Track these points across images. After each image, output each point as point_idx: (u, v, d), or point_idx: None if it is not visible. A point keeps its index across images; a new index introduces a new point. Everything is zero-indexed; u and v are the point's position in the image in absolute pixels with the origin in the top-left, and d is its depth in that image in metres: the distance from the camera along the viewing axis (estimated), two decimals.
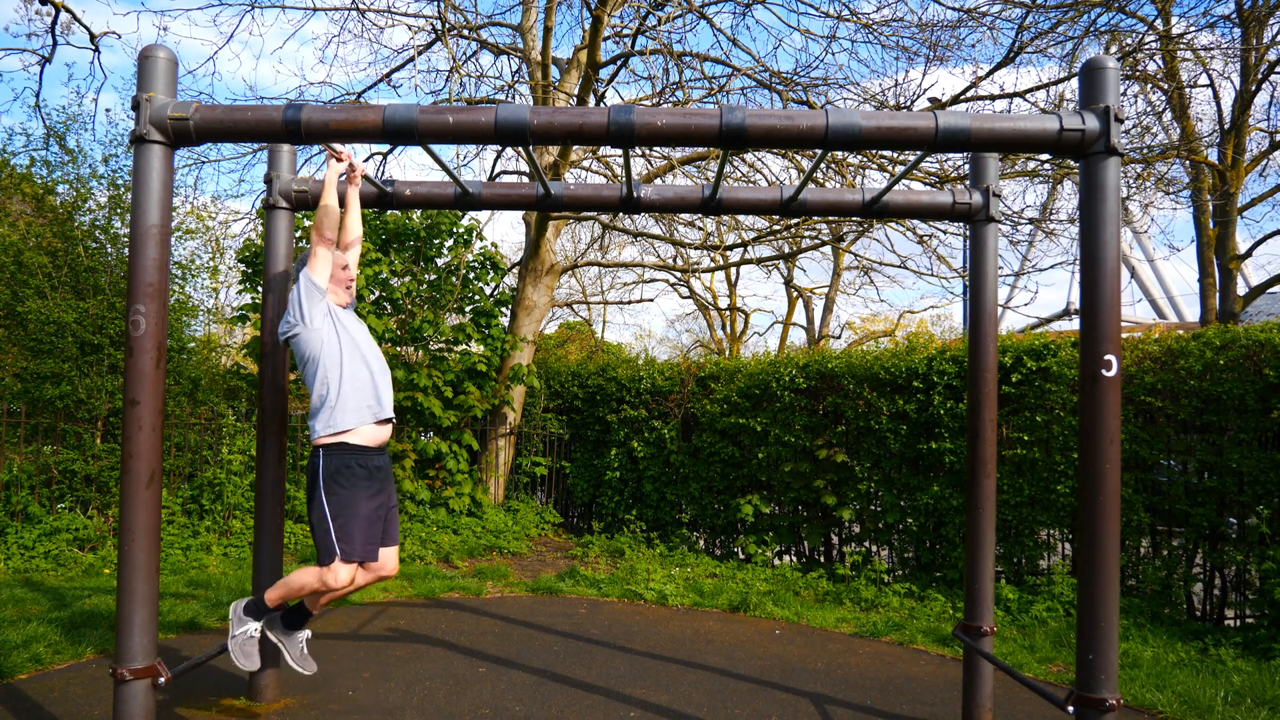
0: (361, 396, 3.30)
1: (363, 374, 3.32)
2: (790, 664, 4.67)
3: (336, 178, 3.32)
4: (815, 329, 22.20)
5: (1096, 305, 2.63)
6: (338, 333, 3.33)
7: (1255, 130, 11.77)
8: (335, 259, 3.43)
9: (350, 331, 3.38)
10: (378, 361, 3.41)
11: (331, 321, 3.34)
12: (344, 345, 3.31)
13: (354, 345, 3.35)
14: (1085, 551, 2.64)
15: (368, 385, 3.32)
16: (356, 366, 3.31)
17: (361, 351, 3.36)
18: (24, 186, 8.58)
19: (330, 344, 3.29)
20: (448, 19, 7.42)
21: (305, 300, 3.27)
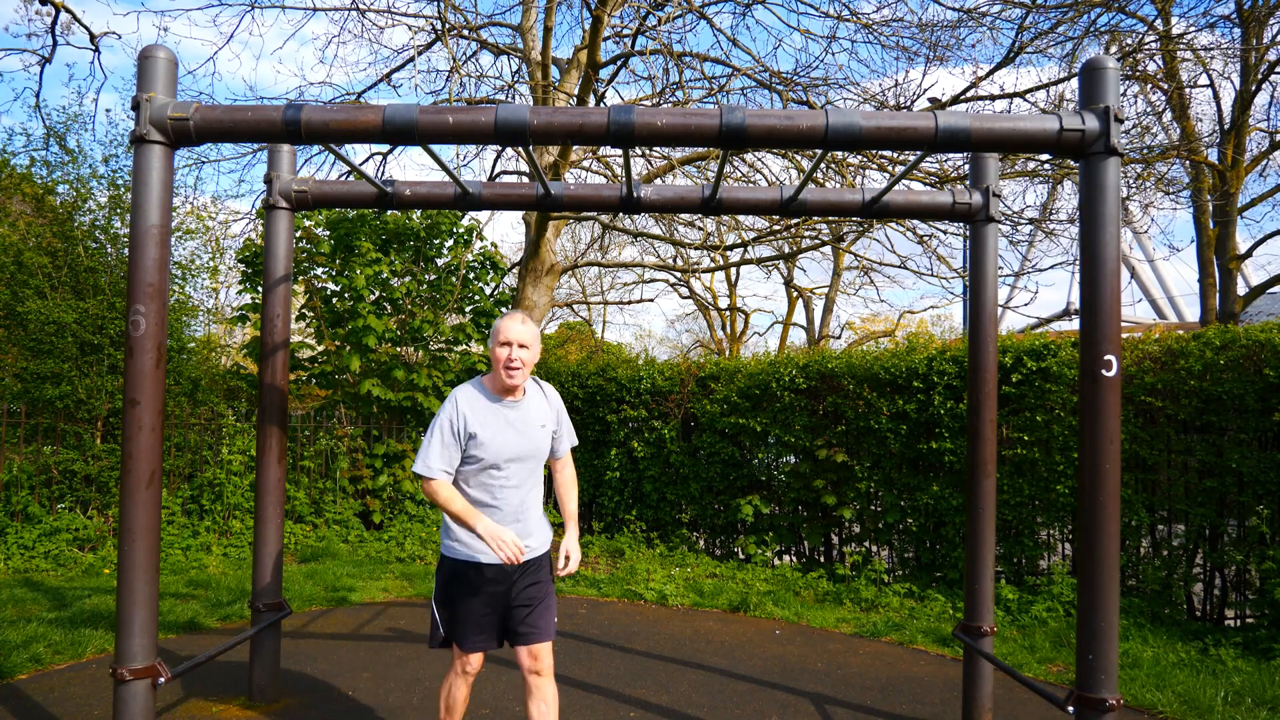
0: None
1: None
2: (790, 664, 4.67)
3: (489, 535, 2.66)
4: (815, 329, 22.19)
5: (1096, 305, 2.63)
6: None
7: (1255, 130, 11.77)
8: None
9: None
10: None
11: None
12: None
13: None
14: (1085, 551, 2.64)
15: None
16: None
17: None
18: (24, 186, 8.58)
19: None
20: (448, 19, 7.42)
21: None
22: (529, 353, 2.84)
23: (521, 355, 2.81)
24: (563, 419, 3.08)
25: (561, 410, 3.09)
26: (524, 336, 2.82)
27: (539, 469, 2.97)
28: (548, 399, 3.03)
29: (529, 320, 2.86)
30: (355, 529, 8.12)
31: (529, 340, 2.84)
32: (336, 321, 8.73)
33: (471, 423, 2.80)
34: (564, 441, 3.09)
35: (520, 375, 2.82)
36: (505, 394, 2.88)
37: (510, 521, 2.85)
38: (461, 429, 2.79)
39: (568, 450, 3.12)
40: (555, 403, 3.06)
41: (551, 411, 3.01)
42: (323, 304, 8.69)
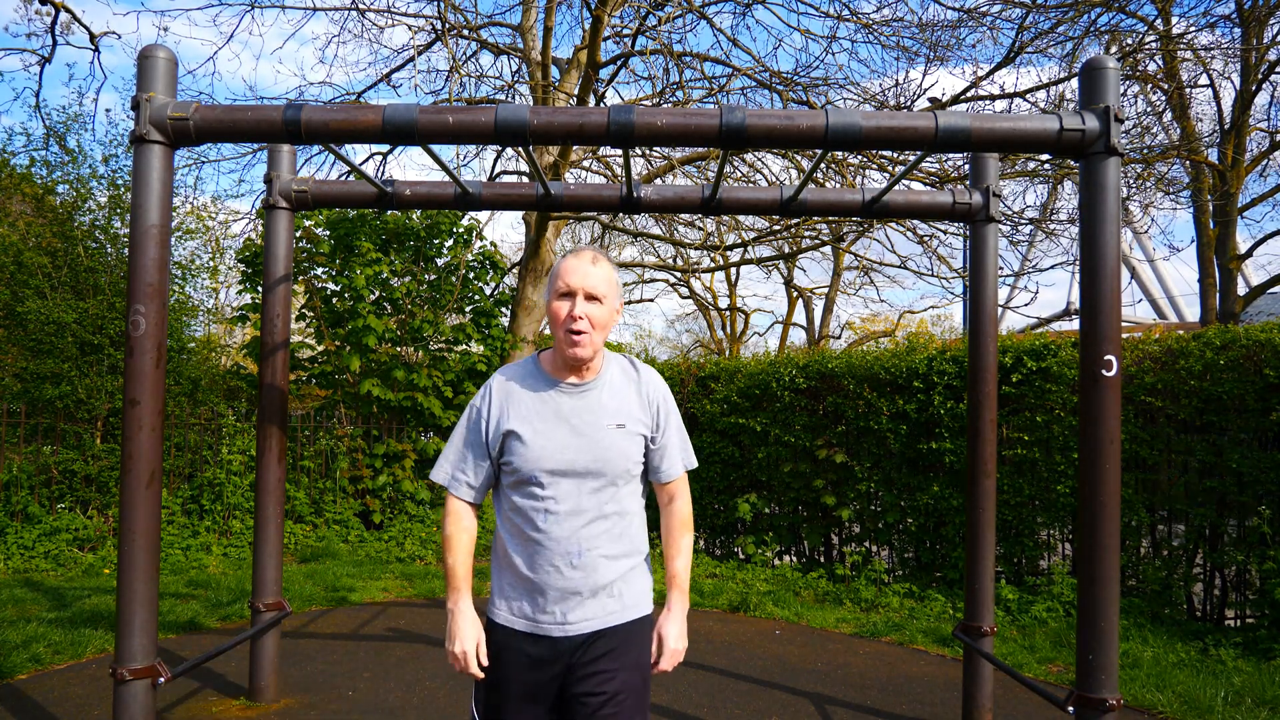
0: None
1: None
2: (790, 664, 4.66)
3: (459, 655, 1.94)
4: (815, 329, 22.19)
5: (1096, 305, 2.63)
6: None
7: (1255, 130, 11.77)
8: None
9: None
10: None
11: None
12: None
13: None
14: (1085, 551, 2.64)
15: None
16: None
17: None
18: (24, 186, 8.58)
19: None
20: (448, 19, 7.42)
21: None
22: (603, 308, 1.94)
23: (591, 312, 1.91)
24: (669, 421, 2.07)
25: (668, 408, 2.08)
26: (595, 283, 1.92)
27: (621, 492, 1.97)
28: (641, 387, 2.05)
29: (604, 259, 1.98)
30: (355, 529, 8.12)
31: (604, 289, 1.94)
32: (336, 321, 8.73)
33: (510, 415, 1.95)
34: (671, 458, 2.07)
35: (588, 343, 1.91)
36: (567, 372, 1.99)
37: (563, 569, 1.90)
38: (492, 424, 1.97)
39: (681, 474, 2.09)
40: (654, 393, 2.06)
41: (645, 407, 2.03)
42: (323, 304, 8.69)
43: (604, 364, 2.04)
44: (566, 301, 1.92)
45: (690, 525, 2.14)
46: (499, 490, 2.04)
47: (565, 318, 1.91)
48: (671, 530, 2.11)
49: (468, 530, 2.05)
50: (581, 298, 1.91)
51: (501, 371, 2.07)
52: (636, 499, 2.04)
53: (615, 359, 2.10)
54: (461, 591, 1.98)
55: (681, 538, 2.10)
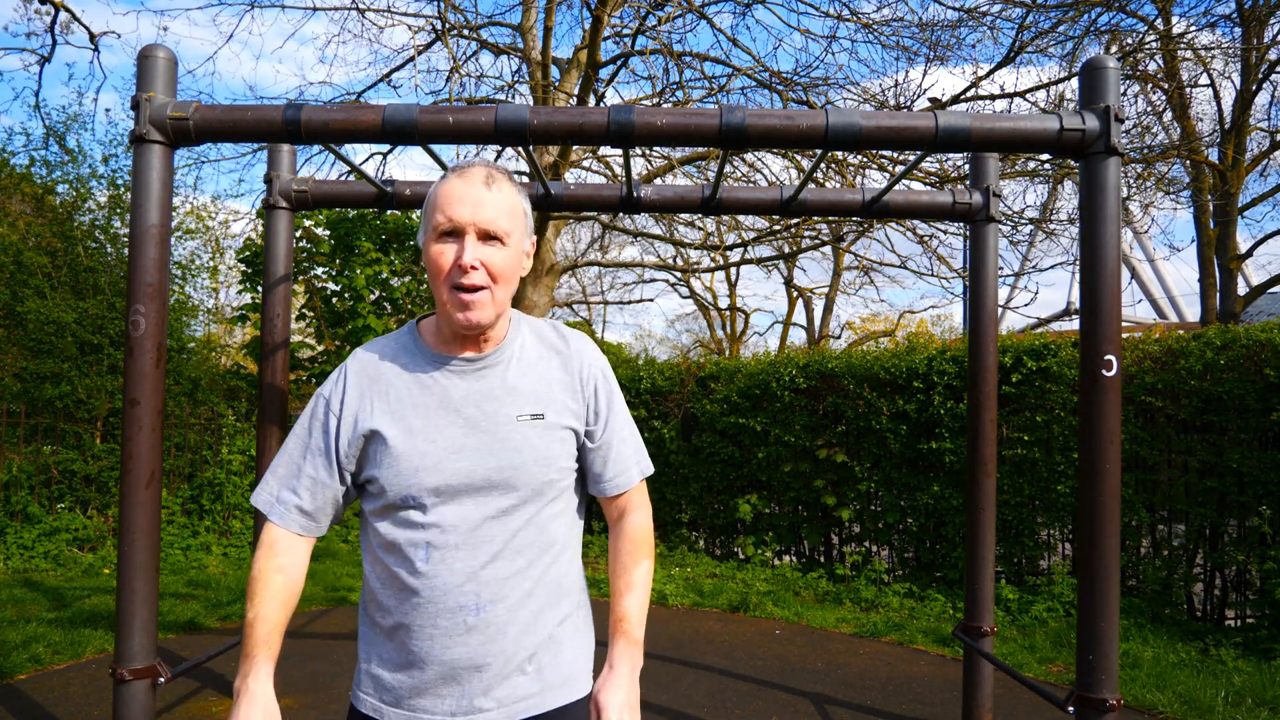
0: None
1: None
2: (790, 664, 4.66)
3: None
4: (815, 329, 22.19)
5: (1096, 305, 2.63)
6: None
7: (1256, 130, 11.77)
8: None
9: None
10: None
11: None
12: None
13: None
14: (1085, 551, 2.64)
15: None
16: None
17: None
18: (24, 186, 8.58)
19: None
20: (448, 19, 7.42)
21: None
22: (506, 252, 1.36)
23: (489, 258, 1.35)
24: (613, 409, 1.50)
25: (609, 390, 1.51)
26: (493, 215, 1.34)
27: (542, 514, 1.41)
28: (570, 361, 1.48)
29: (503, 178, 1.39)
30: (355, 529, 8.12)
31: (506, 223, 1.36)
32: (336, 321, 8.73)
33: (374, 408, 1.38)
34: (619, 461, 1.50)
35: (485, 304, 1.35)
36: (458, 344, 1.42)
37: (455, 633, 1.34)
38: (345, 423, 1.38)
39: (638, 481, 1.54)
40: (589, 370, 1.49)
41: (575, 390, 1.46)
42: (323, 304, 8.69)
43: (511, 330, 1.45)
44: (450, 244, 1.33)
45: (649, 547, 1.53)
46: (364, 523, 1.42)
47: (450, 268, 1.33)
48: (620, 554, 1.52)
49: (284, 572, 1.38)
50: (473, 237, 1.32)
51: (364, 348, 1.47)
52: (568, 522, 1.45)
53: (528, 322, 1.50)
54: (256, 661, 1.32)
55: (635, 565, 1.50)
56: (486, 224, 1.34)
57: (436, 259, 1.36)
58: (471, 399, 1.40)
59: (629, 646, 1.48)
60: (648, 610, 1.54)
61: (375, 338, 1.59)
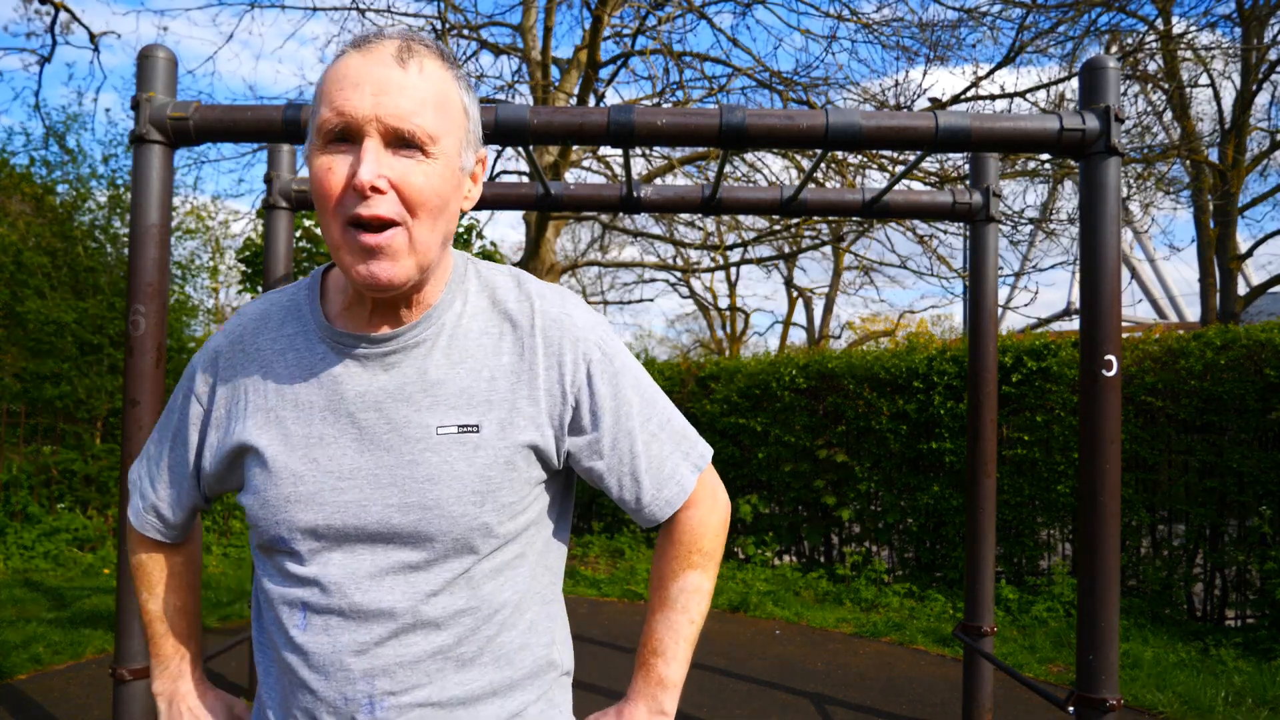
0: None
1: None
2: (790, 664, 4.66)
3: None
4: (815, 329, 22.20)
5: (1097, 305, 2.63)
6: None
7: (1256, 130, 11.77)
8: None
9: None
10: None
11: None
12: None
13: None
14: (1085, 551, 2.63)
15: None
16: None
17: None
18: (24, 186, 8.59)
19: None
20: (448, 19, 7.42)
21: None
22: (431, 171, 0.89)
23: (406, 174, 0.88)
24: (623, 401, 1.02)
25: (610, 374, 1.02)
26: (409, 106, 0.87)
27: (477, 570, 0.96)
28: (529, 337, 1.00)
29: (429, 55, 0.93)
30: None
31: (433, 119, 0.89)
32: None
33: (247, 408, 0.99)
34: (658, 471, 1.05)
35: (401, 251, 0.89)
36: (365, 314, 0.98)
37: None
38: (211, 423, 1.02)
39: (695, 481, 1.08)
40: (570, 349, 1.00)
41: (543, 384, 0.99)
42: None
43: (449, 290, 0.99)
44: (341, 154, 0.88)
45: (704, 554, 1.10)
46: (253, 550, 1.04)
47: (341, 192, 0.87)
48: (658, 560, 1.12)
49: (164, 568, 1.15)
50: (376, 142, 0.87)
51: (251, 306, 1.06)
52: (524, 575, 1.01)
53: (480, 276, 1.03)
54: (170, 662, 1.17)
55: (675, 577, 1.10)
56: (398, 120, 0.86)
57: (321, 178, 0.88)
58: (371, 400, 0.95)
59: (646, 688, 1.09)
60: (694, 636, 1.14)
61: (271, 290, 1.02)
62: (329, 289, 1.03)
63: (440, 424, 0.95)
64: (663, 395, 1.09)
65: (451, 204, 0.93)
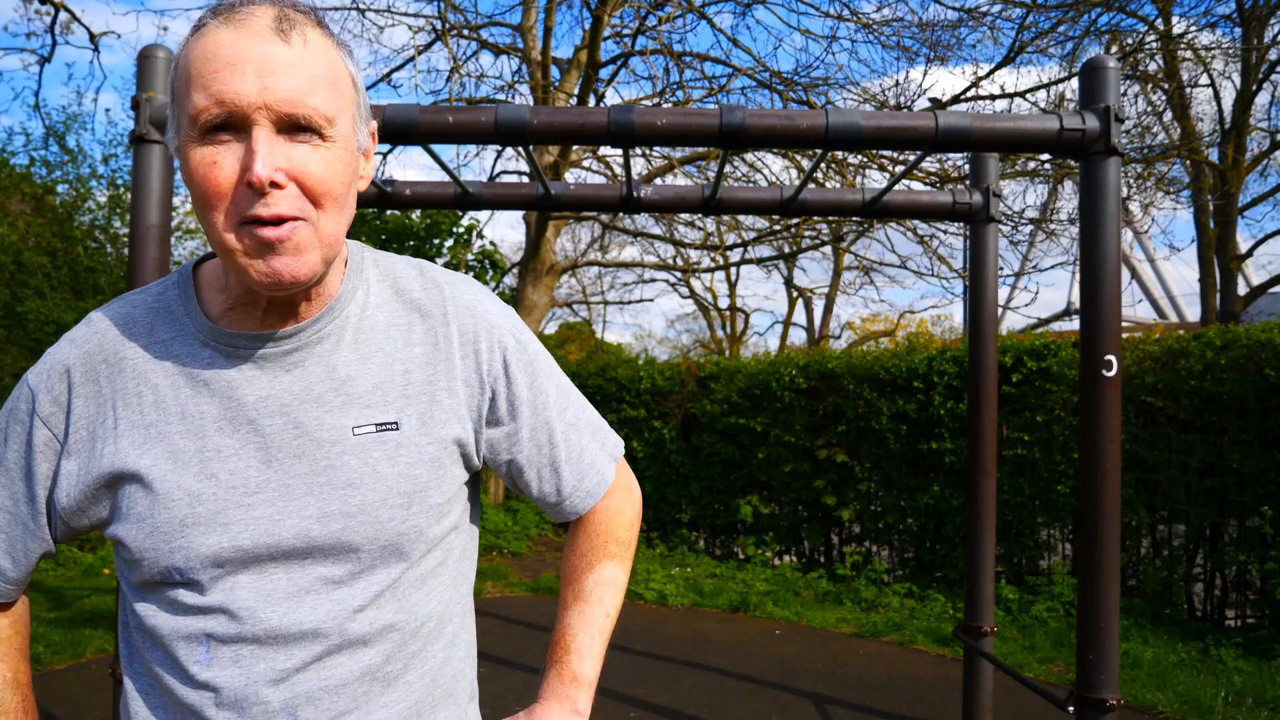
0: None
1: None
2: (790, 664, 4.66)
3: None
4: (815, 329, 22.21)
5: (1097, 305, 2.63)
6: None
7: (1256, 130, 11.77)
8: None
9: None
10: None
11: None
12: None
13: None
14: (1085, 551, 2.64)
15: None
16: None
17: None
18: (24, 186, 8.59)
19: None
20: (448, 19, 7.42)
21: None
22: (331, 157, 0.81)
23: (304, 164, 0.79)
24: (539, 389, 0.99)
25: (525, 361, 0.99)
26: (299, 84, 0.78)
27: (405, 578, 0.91)
28: (441, 325, 0.95)
29: (309, 25, 0.82)
30: None
31: (324, 100, 0.80)
32: None
33: (117, 428, 0.86)
34: (577, 462, 1.03)
35: (305, 244, 0.81)
36: (254, 313, 0.89)
37: None
38: (58, 453, 0.88)
39: (613, 471, 1.08)
40: (485, 336, 0.96)
41: (460, 372, 0.94)
42: None
43: (349, 281, 0.93)
44: (225, 146, 0.78)
45: (620, 544, 1.09)
46: (120, 591, 0.93)
47: (232, 190, 0.78)
48: (570, 554, 1.09)
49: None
50: (267, 130, 0.77)
51: (105, 310, 0.92)
52: (447, 582, 0.96)
53: (379, 265, 0.97)
54: None
55: (590, 569, 1.07)
56: (291, 105, 0.77)
57: (205, 175, 0.77)
58: (276, 404, 0.87)
59: (560, 686, 1.04)
60: (608, 630, 1.08)
61: (127, 292, 0.95)
62: (204, 286, 0.92)
63: (356, 424, 0.89)
64: (574, 387, 1.08)
65: (351, 190, 0.87)
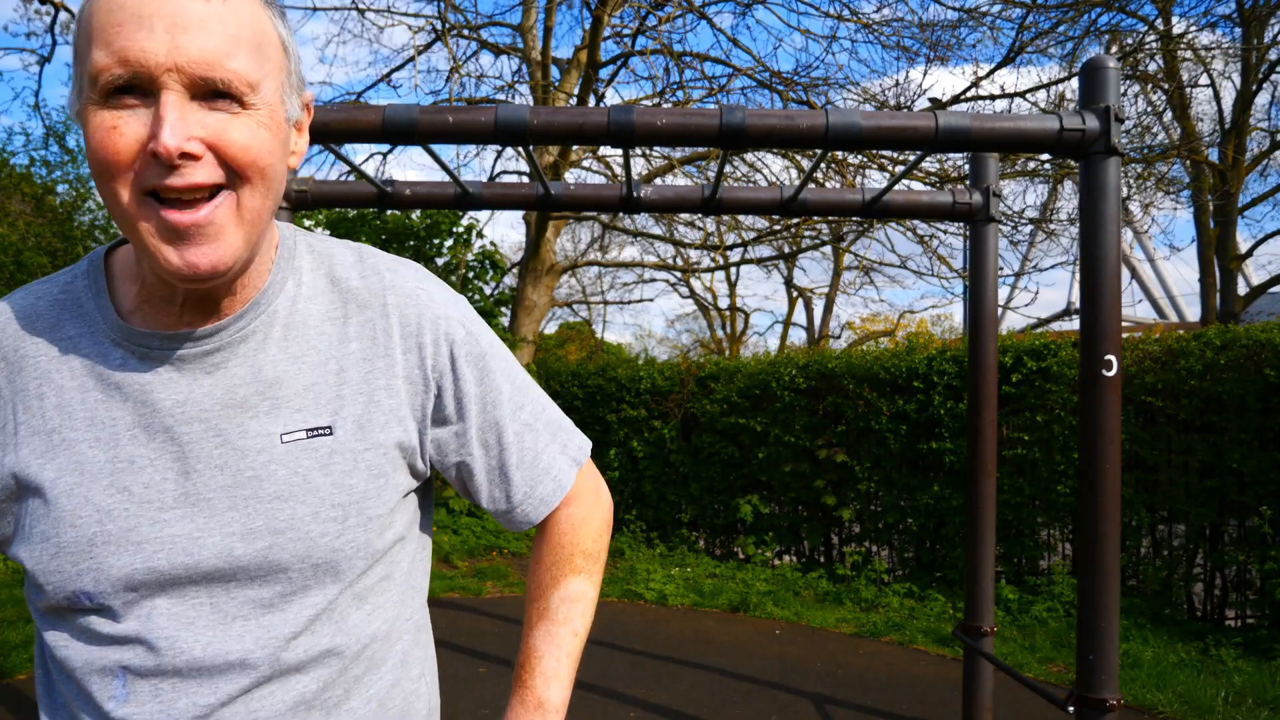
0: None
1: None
2: (790, 664, 4.67)
3: None
4: (815, 329, 22.21)
5: (1097, 305, 2.63)
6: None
7: (1256, 130, 11.77)
8: None
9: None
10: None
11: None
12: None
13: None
14: (1085, 551, 2.64)
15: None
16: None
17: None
18: (24, 186, 8.59)
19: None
20: (448, 19, 7.42)
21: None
22: (254, 125, 0.71)
23: (225, 133, 0.69)
24: (490, 386, 0.91)
25: (475, 355, 0.90)
26: (216, 45, 0.67)
27: (343, 597, 0.82)
28: (380, 317, 0.86)
29: None
30: None
31: (246, 62, 0.69)
32: None
33: (10, 432, 0.78)
34: (531, 465, 0.94)
35: (224, 227, 0.71)
36: (170, 309, 0.79)
37: None
38: None
39: (574, 476, 0.99)
40: (430, 328, 0.87)
41: (401, 368, 0.86)
42: None
43: (278, 269, 0.84)
44: (129, 112, 0.68)
45: (587, 556, 1.00)
46: (36, 614, 0.83)
47: (133, 159, 0.68)
48: (535, 568, 1.00)
49: None
50: (178, 95, 0.67)
51: (2, 303, 0.83)
52: (393, 600, 0.89)
53: (314, 251, 0.88)
54: None
55: (555, 585, 0.98)
56: (206, 67, 0.67)
57: (103, 141, 0.67)
58: (196, 410, 0.78)
59: (524, 713, 0.95)
60: (577, 651, 0.99)
61: (30, 283, 0.85)
62: (116, 276, 0.82)
63: (285, 430, 0.80)
64: (535, 383, 1.00)
65: (280, 166, 0.76)
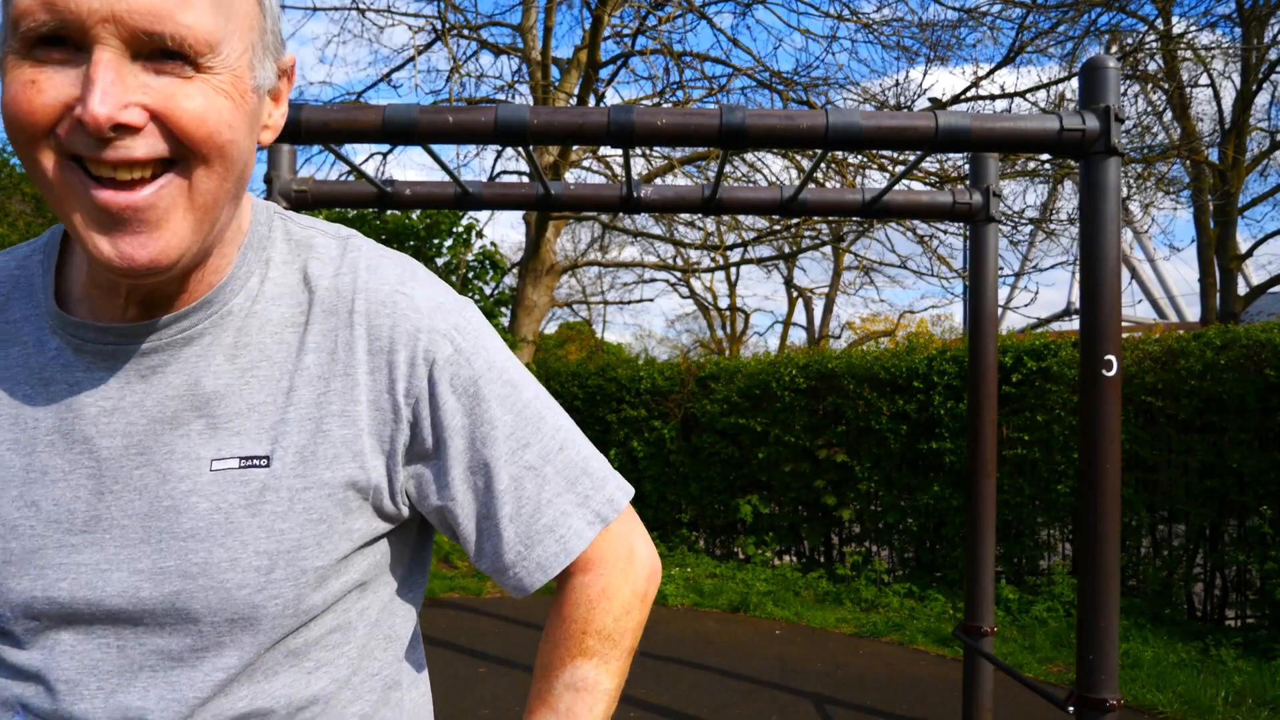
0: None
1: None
2: (790, 664, 4.67)
3: None
4: (815, 329, 22.21)
5: (1097, 305, 2.63)
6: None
7: (1256, 130, 11.77)
8: None
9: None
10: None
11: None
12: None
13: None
14: (1085, 551, 2.64)
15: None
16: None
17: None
18: (24, 186, 8.59)
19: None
20: (448, 19, 7.42)
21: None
22: (212, 92, 0.58)
23: (173, 100, 0.56)
24: (484, 420, 0.71)
25: (467, 378, 0.71)
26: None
27: (271, 661, 0.67)
28: (347, 325, 0.69)
29: None
30: None
31: (202, 15, 0.56)
32: None
33: None
34: (531, 519, 0.73)
35: (168, 213, 0.58)
36: (116, 298, 0.66)
37: None
38: None
39: (592, 538, 0.75)
40: (407, 342, 0.70)
41: (366, 390, 0.69)
42: None
43: (244, 259, 0.71)
44: (54, 68, 0.55)
45: (604, 636, 0.77)
46: None
47: (59, 122, 0.56)
48: (545, 644, 0.79)
49: None
50: (114, 50, 0.54)
51: None
52: (353, 653, 0.73)
53: (285, 233, 0.75)
54: None
55: (562, 668, 0.77)
56: (152, 19, 0.55)
57: (16, 96, 0.56)
58: (121, 420, 0.66)
59: None
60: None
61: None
62: (72, 254, 0.70)
63: (217, 455, 0.66)
64: (558, 412, 0.77)
65: (246, 139, 0.62)
